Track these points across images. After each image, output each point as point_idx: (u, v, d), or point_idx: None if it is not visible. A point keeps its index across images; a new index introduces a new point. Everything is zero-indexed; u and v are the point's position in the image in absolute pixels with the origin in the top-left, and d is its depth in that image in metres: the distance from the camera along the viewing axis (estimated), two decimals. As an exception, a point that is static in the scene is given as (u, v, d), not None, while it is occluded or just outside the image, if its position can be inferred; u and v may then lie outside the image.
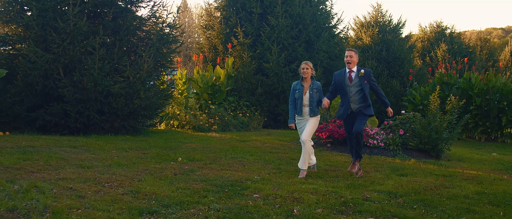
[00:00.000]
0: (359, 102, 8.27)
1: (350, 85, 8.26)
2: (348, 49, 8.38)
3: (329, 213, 5.63)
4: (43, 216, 4.97)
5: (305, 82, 8.44)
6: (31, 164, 7.63)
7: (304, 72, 8.40)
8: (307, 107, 8.36)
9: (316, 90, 8.41)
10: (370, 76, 8.32)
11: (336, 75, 8.50)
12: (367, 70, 8.36)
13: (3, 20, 12.86)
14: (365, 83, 8.24)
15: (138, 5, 13.89)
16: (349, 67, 8.31)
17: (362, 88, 8.24)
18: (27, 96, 12.10)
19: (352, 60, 8.29)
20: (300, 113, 8.42)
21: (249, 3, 18.93)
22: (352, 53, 8.34)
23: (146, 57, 12.75)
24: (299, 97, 8.40)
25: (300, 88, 8.43)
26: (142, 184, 6.66)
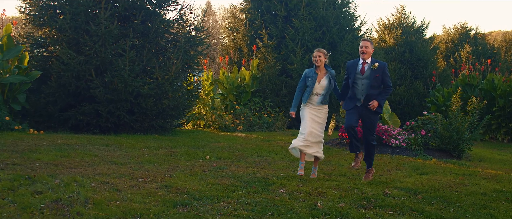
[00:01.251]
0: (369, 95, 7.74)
1: (362, 77, 7.79)
2: (363, 39, 7.92)
3: (351, 207, 5.95)
4: (85, 207, 5.37)
5: (319, 71, 7.98)
6: (68, 161, 8.06)
7: (317, 60, 7.95)
8: (319, 96, 7.92)
9: (332, 78, 8.01)
10: (384, 71, 7.81)
11: (348, 65, 8.04)
12: (382, 64, 7.87)
13: (37, 23, 13.40)
14: (376, 77, 7.72)
15: (166, 8, 14.33)
16: (363, 58, 7.83)
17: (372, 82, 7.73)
18: (60, 97, 12.58)
19: (367, 50, 7.80)
20: (305, 100, 7.97)
21: (273, 6, 19.26)
22: (368, 43, 7.86)
23: (174, 59, 13.16)
24: (311, 85, 7.94)
25: (313, 76, 7.96)
26: (174, 180, 7.05)
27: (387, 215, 5.71)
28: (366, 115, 7.83)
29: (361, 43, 7.88)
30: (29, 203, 5.33)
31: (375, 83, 7.73)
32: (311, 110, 7.96)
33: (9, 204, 5.28)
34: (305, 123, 7.91)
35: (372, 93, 7.72)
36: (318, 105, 7.95)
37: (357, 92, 7.80)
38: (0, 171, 6.83)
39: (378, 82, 7.79)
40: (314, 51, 8.10)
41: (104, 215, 5.13)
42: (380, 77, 7.76)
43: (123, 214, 5.19)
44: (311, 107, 7.98)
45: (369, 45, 7.81)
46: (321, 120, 8.00)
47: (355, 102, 7.85)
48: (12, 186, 6.00)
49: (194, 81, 15.66)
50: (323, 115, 8.02)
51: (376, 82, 7.75)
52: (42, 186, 6.09)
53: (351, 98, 7.92)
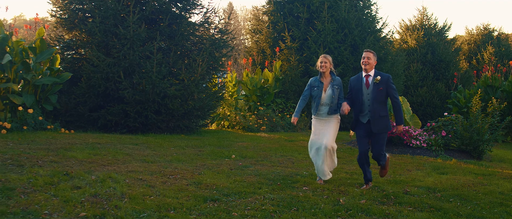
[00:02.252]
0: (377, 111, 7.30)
1: (367, 92, 7.35)
2: (365, 50, 7.47)
3: (372, 204, 6.25)
4: (122, 201, 5.75)
5: (324, 79, 7.66)
6: (101, 159, 8.46)
7: (322, 67, 7.59)
8: (327, 107, 7.59)
9: (337, 86, 7.64)
10: (388, 83, 7.32)
11: (352, 81, 7.57)
12: (385, 76, 7.37)
13: (68, 27, 13.89)
14: (380, 90, 7.26)
15: (191, 11, 14.71)
16: (366, 71, 7.39)
17: (378, 97, 7.28)
18: (90, 98, 13.01)
19: (370, 62, 7.34)
20: (315, 111, 7.66)
21: (296, 8, 19.55)
22: (370, 54, 7.40)
23: (200, 61, 13.53)
24: (317, 95, 7.63)
25: (319, 86, 7.65)
26: (203, 177, 7.40)
27: (406, 211, 6.00)
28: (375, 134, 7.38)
29: (364, 54, 7.45)
30: (70, 197, 5.73)
31: (379, 98, 7.27)
32: (319, 122, 7.69)
33: (52, 198, 5.68)
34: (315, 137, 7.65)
35: (377, 108, 7.26)
36: (326, 117, 7.62)
37: (364, 108, 7.35)
38: (39, 167, 7.24)
39: (383, 96, 7.31)
40: (320, 56, 7.76)
41: (140, 208, 5.50)
42: (384, 91, 7.30)
43: (158, 208, 5.55)
44: (319, 120, 7.69)
45: (371, 56, 7.37)
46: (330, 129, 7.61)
47: (362, 121, 7.41)
48: (52, 181, 6.42)
49: (219, 83, 16.01)
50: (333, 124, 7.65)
51: (380, 96, 7.28)
52: (80, 182, 6.49)
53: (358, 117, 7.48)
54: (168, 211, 5.47)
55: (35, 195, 5.74)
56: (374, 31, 19.85)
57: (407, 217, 5.73)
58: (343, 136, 14.54)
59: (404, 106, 14.55)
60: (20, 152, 8.40)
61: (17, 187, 6.01)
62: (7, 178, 6.37)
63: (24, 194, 5.78)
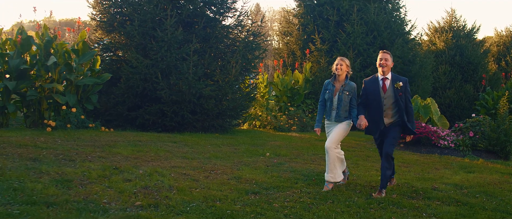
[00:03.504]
0: (393, 116, 7.11)
1: (384, 96, 7.09)
2: (382, 51, 7.19)
3: (402, 198, 6.67)
4: (171, 192, 6.27)
5: (338, 82, 7.41)
6: (145, 155, 8.99)
7: (338, 69, 7.34)
8: (334, 111, 7.38)
9: (348, 92, 7.32)
10: (406, 88, 7.12)
11: (367, 83, 7.30)
12: (404, 80, 7.12)
13: (107, 29, 14.52)
14: (400, 96, 7.04)
15: (225, 15, 15.22)
16: (383, 73, 7.13)
17: (396, 101, 7.06)
18: (129, 98, 13.58)
19: (387, 64, 7.08)
20: (328, 115, 7.46)
21: (326, 11, 19.94)
22: (387, 56, 7.13)
23: (234, 63, 14.02)
24: (329, 98, 7.42)
25: (331, 89, 7.42)
26: (242, 172, 7.89)
27: (434, 205, 6.41)
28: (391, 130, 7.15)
29: (380, 55, 7.16)
30: (123, 188, 6.26)
31: (399, 103, 7.04)
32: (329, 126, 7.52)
33: (107, 189, 6.22)
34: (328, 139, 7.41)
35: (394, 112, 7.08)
36: (336, 122, 7.40)
37: (377, 113, 7.12)
38: (90, 162, 7.81)
39: (403, 101, 7.07)
40: (337, 58, 7.50)
41: (188, 199, 6.00)
42: (403, 96, 7.08)
43: (205, 199, 6.05)
44: (330, 125, 7.51)
45: (388, 58, 7.10)
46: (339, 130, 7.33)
47: (379, 127, 7.18)
48: (104, 174, 6.96)
49: (251, 84, 16.47)
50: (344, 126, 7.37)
51: (401, 100, 7.05)
52: (130, 175, 7.03)
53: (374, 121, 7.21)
54: (214, 202, 5.97)
55: (91, 186, 6.28)
56: (402, 34, 20.12)
57: (435, 210, 6.14)
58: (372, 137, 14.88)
59: (433, 108, 14.88)
60: (69, 148, 8.98)
61: (74, 179, 6.56)
62: (64, 171, 6.93)
63: (82, 185, 6.33)
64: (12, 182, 6.13)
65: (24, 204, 5.30)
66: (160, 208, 5.58)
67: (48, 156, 8.03)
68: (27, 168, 7.01)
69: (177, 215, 5.34)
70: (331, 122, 7.44)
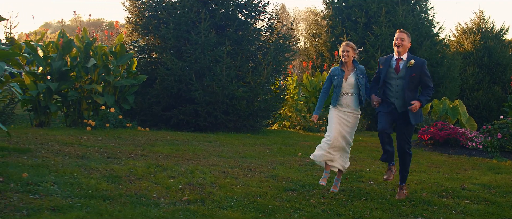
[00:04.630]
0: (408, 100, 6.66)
1: (396, 77, 6.74)
2: (399, 30, 6.84)
3: (432, 197, 7.00)
4: (213, 189, 6.70)
5: (346, 67, 7.16)
6: (183, 154, 9.43)
7: (345, 56, 7.11)
8: (351, 97, 7.07)
9: (361, 75, 7.12)
10: (423, 69, 6.67)
11: (381, 61, 7.00)
12: (420, 61, 6.72)
13: (142, 32, 15.07)
14: (412, 77, 6.62)
15: (256, 18, 15.65)
16: (398, 53, 6.74)
17: (409, 83, 6.64)
18: (163, 98, 14.07)
19: (403, 43, 6.70)
20: (335, 102, 7.11)
21: (354, 13, 20.22)
22: (404, 35, 6.75)
23: (265, 65, 14.43)
24: (338, 84, 7.09)
25: (340, 74, 7.12)
26: (277, 171, 8.29)
27: (463, 203, 6.73)
28: (401, 120, 6.83)
29: (397, 34, 6.80)
30: (170, 184, 6.71)
31: (411, 85, 6.66)
32: (340, 112, 7.12)
33: (154, 185, 6.67)
34: (331, 126, 7.13)
35: (408, 96, 6.66)
36: (348, 109, 7.11)
37: (390, 95, 6.81)
38: (133, 160, 8.28)
39: (415, 83, 6.70)
40: (342, 45, 7.27)
41: (231, 195, 6.42)
42: (417, 77, 6.66)
43: (246, 195, 6.47)
44: (340, 110, 7.14)
45: (405, 38, 6.74)
46: (350, 124, 7.15)
47: (389, 106, 6.84)
48: (149, 171, 7.42)
49: (281, 85, 16.84)
50: (352, 119, 7.14)
51: (413, 83, 6.66)
52: (173, 172, 7.48)
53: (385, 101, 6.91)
54: (255, 198, 6.38)
55: (139, 182, 6.74)
56: (430, 36, 20.30)
57: (464, 208, 6.46)
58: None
59: (461, 109, 15.11)
60: (112, 146, 9.47)
61: (122, 175, 7.02)
62: (112, 168, 7.40)
63: (130, 181, 6.78)
64: (67, 178, 6.60)
65: (82, 198, 5.76)
66: (206, 203, 6.01)
67: (94, 154, 8.52)
68: (77, 164, 7.49)
69: (222, 210, 5.76)
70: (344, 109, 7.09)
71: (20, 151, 8.16)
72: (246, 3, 15.25)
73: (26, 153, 8.09)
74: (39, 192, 5.83)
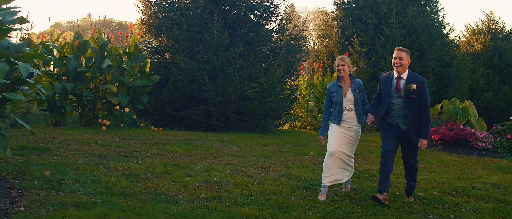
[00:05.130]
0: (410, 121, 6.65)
1: (397, 96, 6.70)
2: (398, 49, 6.70)
3: (443, 195, 7.16)
4: (229, 186, 6.89)
5: (343, 83, 7.06)
6: (198, 153, 9.63)
7: (340, 70, 6.98)
8: (352, 112, 7.01)
9: (359, 90, 7.05)
10: (422, 90, 6.60)
11: (382, 80, 6.92)
12: (420, 81, 6.62)
13: (155, 33, 15.30)
14: (412, 98, 6.58)
15: (268, 19, 15.84)
16: (398, 72, 6.66)
17: (410, 105, 6.61)
18: (176, 98, 14.28)
19: (402, 63, 6.61)
20: (338, 119, 7.00)
21: (364, 14, 20.35)
22: (403, 54, 6.63)
23: (277, 66, 14.61)
24: (338, 101, 6.99)
25: (338, 90, 7.03)
26: (290, 170, 8.47)
27: (473, 202, 6.89)
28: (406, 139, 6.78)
29: (395, 53, 6.70)
30: (187, 182, 6.91)
31: (412, 105, 6.62)
32: (340, 128, 7.02)
33: (172, 183, 6.88)
34: (332, 140, 7.02)
35: (409, 115, 6.64)
36: (349, 124, 7.02)
37: (392, 113, 6.78)
38: (150, 158, 8.50)
39: (416, 104, 6.63)
40: (336, 59, 7.16)
41: (247, 193, 6.62)
42: (417, 99, 6.61)
43: (261, 193, 6.66)
44: (341, 126, 7.03)
45: (404, 56, 6.63)
46: (351, 140, 7.07)
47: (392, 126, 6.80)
48: (166, 170, 7.62)
49: (292, 86, 17.01)
50: (354, 134, 7.06)
51: (413, 104, 6.62)
52: (189, 171, 7.69)
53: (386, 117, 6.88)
54: (271, 195, 6.57)
55: (158, 180, 6.94)
56: (440, 37, 20.39)
57: (474, 206, 6.62)
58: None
59: (471, 110, 15.22)
60: (128, 146, 9.69)
61: (140, 174, 7.23)
62: (130, 167, 7.62)
63: (148, 179, 6.99)
64: (88, 176, 6.82)
65: (104, 195, 5.97)
66: (223, 200, 6.21)
67: (111, 153, 8.74)
68: (96, 163, 7.71)
69: (239, 206, 5.95)
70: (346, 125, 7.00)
71: (40, 150, 8.39)
72: (258, 4, 15.45)
73: (45, 151, 8.32)
74: (62, 189, 6.05)
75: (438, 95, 19.13)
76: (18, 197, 5.57)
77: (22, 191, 5.79)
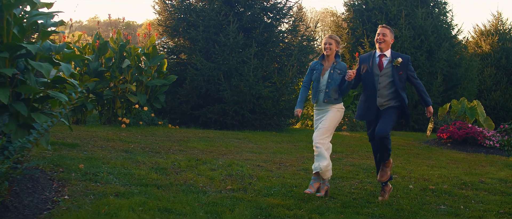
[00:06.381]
0: (389, 98, 6.47)
1: (379, 74, 6.44)
2: (381, 26, 6.54)
3: (453, 189, 7.58)
4: (252, 179, 7.35)
5: (327, 62, 6.72)
6: (217, 149, 10.09)
7: (327, 48, 6.64)
8: (322, 93, 6.64)
9: (340, 71, 6.60)
10: (408, 66, 6.46)
11: (362, 59, 6.69)
12: (406, 58, 6.47)
13: (172, 34, 15.79)
14: (400, 75, 6.40)
15: (281, 20, 16.31)
16: (380, 49, 6.46)
17: (394, 81, 6.38)
18: (192, 98, 14.76)
19: (386, 39, 6.43)
20: (315, 99, 6.74)
21: (374, 16, 20.75)
22: (386, 31, 6.47)
23: (290, 66, 15.05)
24: (316, 78, 6.70)
25: (319, 68, 6.71)
26: (307, 165, 8.90)
27: (482, 194, 7.31)
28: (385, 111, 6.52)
29: (379, 30, 6.50)
30: (212, 175, 7.37)
31: (397, 82, 6.38)
32: (317, 113, 6.85)
33: (198, 176, 7.33)
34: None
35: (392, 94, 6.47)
36: (324, 106, 6.71)
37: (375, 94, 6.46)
38: (173, 154, 8.96)
39: (402, 82, 6.44)
40: (325, 37, 6.80)
41: (269, 185, 7.07)
42: (404, 75, 6.44)
43: (282, 185, 7.11)
44: (318, 109, 6.84)
45: (387, 33, 6.46)
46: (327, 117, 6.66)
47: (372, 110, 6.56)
48: (191, 164, 8.08)
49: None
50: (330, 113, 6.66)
51: (401, 81, 6.40)
52: (212, 166, 8.14)
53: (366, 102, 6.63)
54: (291, 188, 7.02)
55: (184, 174, 7.40)
56: (449, 38, 20.76)
57: (482, 199, 7.04)
58: (419, 136, 15.69)
59: (479, 109, 15.59)
60: (150, 142, 10.16)
61: (167, 168, 7.69)
62: (156, 161, 8.08)
63: (176, 172, 7.45)
64: (119, 169, 7.29)
65: (138, 185, 6.44)
66: (248, 191, 6.66)
67: (136, 149, 9.20)
68: (124, 158, 8.18)
69: (264, 197, 6.40)
70: (321, 107, 6.75)
71: (69, 145, 8.86)
72: (271, 6, 15.91)
73: (74, 147, 8.79)
74: (99, 180, 6.51)
75: (446, 95, 19.50)
76: (60, 187, 6.04)
77: (63, 182, 6.25)
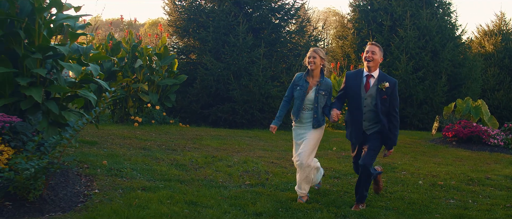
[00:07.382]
0: (375, 121, 6.17)
1: (364, 96, 6.12)
2: (370, 43, 6.19)
3: (460, 184, 7.91)
4: (268, 175, 7.68)
5: (311, 78, 6.40)
6: (230, 147, 10.40)
7: (311, 62, 6.31)
8: (309, 112, 6.36)
9: (324, 92, 6.34)
10: (394, 91, 6.11)
11: (349, 77, 6.34)
12: (392, 82, 6.12)
13: (182, 35, 16.12)
14: (383, 99, 6.07)
15: (288, 21, 16.62)
16: (369, 68, 6.12)
17: (377, 104, 6.06)
18: (202, 97, 15.08)
19: (375, 57, 6.08)
20: (297, 116, 6.45)
21: (379, 16, 21.02)
22: (376, 49, 6.11)
23: (298, 66, 15.36)
24: (299, 96, 6.37)
25: (303, 85, 6.36)
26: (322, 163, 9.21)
27: (488, 189, 7.63)
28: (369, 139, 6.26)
29: (368, 47, 6.18)
30: (230, 171, 7.69)
31: (383, 108, 6.10)
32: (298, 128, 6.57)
33: (216, 172, 7.66)
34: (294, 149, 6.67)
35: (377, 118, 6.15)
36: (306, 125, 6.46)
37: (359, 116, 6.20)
38: (189, 151, 9.30)
39: (386, 106, 6.11)
40: (309, 50, 6.49)
41: (285, 180, 7.40)
42: (388, 100, 6.10)
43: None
44: (300, 127, 6.53)
45: (377, 51, 6.10)
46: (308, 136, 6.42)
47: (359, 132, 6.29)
48: (208, 161, 8.41)
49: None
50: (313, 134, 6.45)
51: (384, 105, 6.09)
52: (228, 162, 8.46)
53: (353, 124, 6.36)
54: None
55: (204, 170, 7.73)
56: (453, 38, 21.02)
57: (489, 193, 7.36)
58: (425, 135, 15.98)
59: (483, 109, 15.87)
60: (166, 140, 10.48)
61: (186, 164, 8.02)
62: (174, 158, 8.41)
63: (195, 169, 7.78)
64: (141, 165, 7.62)
65: (162, 181, 6.77)
66: (266, 186, 6.99)
67: (153, 146, 9.53)
68: (143, 155, 8.50)
69: (282, 191, 6.73)
70: (303, 125, 6.48)
71: (89, 143, 9.19)
72: (279, 7, 16.23)
73: (94, 145, 9.11)
74: (124, 175, 6.84)
75: (450, 95, 19.78)
76: (89, 182, 6.36)
77: (91, 177, 6.58)
